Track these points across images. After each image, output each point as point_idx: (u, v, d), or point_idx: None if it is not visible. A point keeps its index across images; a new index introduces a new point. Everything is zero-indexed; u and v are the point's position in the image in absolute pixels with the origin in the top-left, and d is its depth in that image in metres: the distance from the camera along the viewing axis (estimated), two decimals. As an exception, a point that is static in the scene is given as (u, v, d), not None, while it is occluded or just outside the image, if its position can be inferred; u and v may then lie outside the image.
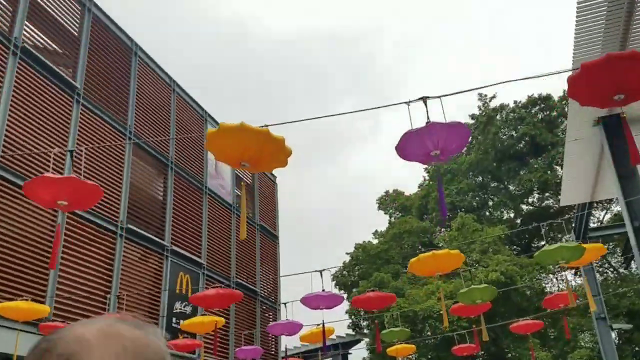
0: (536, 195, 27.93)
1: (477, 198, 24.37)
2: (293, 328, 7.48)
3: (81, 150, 9.11)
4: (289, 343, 31.04)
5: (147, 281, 12.21)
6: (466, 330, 10.98)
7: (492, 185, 26.25)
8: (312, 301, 7.61)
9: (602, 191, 13.09)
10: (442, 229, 23.27)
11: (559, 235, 29.21)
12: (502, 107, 24.67)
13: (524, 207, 26.97)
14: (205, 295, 8.31)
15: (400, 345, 9.51)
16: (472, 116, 28.70)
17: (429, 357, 17.36)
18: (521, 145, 25.01)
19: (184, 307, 13.15)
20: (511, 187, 27.85)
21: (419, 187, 29.55)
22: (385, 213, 29.89)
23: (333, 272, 26.14)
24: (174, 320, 12.64)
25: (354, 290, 21.85)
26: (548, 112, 24.39)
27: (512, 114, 24.27)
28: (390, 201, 29.45)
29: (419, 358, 17.60)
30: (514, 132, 24.34)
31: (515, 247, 22.83)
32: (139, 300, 11.58)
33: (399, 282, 19.69)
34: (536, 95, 24.10)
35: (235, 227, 17.27)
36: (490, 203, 26.82)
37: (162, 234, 13.21)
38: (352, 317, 23.02)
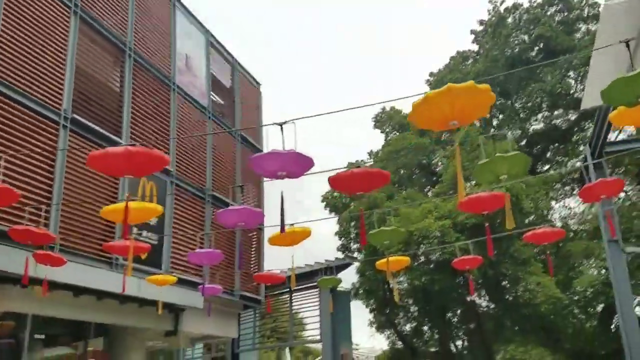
0: (545, 113, 26.44)
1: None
2: (252, 217, 6.12)
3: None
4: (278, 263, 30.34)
5: (100, 185, 10.75)
6: (470, 241, 9.78)
7: (499, 101, 24.59)
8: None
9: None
10: (444, 147, 21.81)
11: (565, 159, 28.08)
12: (515, 6, 22.48)
13: (531, 126, 25.52)
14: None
15: (392, 257, 8.26)
16: (481, 22, 26.54)
17: (423, 281, 16.46)
18: (534, 53, 23.10)
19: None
20: (517, 105, 26.25)
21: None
22: (382, 132, 28.32)
23: (323, 193, 25.17)
24: (134, 230, 11.32)
25: (345, 212, 20.73)
26: (566, 13, 22.25)
27: (525, 15, 22.14)
28: (387, 119, 27.76)
29: (412, 281, 16.72)
30: (526, 37, 22.31)
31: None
32: (88, 208, 10.14)
33: (393, 202, 18.51)
34: (554, -8, 21.88)
35: (214, 138, 15.66)
36: (495, 122, 25.33)
37: (119, 130, 11.61)
38: (342, 238, 22.08)
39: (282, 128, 5.14)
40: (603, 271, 16.40)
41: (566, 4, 21.96)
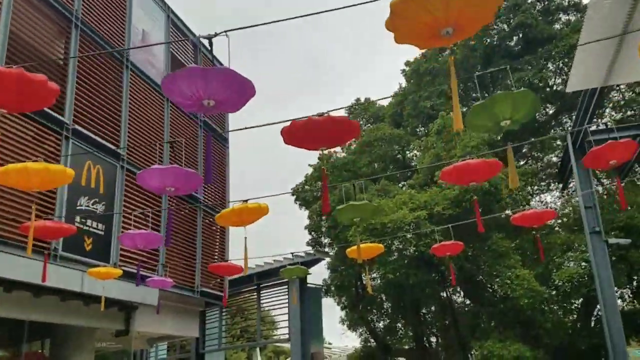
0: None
1: (460, 104, 22.21)
2: (185, 180, 5.33)
3: None
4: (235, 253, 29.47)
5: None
6: (450, 225, 9.08)
7: (475, 94, 24.10)
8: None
9: (624, 71, 10.96)
10: (422, 138, 21.16)
11: (541, 155, 27.84)
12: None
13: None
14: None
15: (364, 244, 7.47)
16: (458, 13, 25.94)
17: (397, 275, 15.73)
18: (513, 42, 22.62)
19: (93, 204, 10.73)
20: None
21: (393, 96, 27.14)
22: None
23: (293, 186, 24.30)
24: (77, 219, 10.24)
25: (315, 205, 19.88)
26: (546, 2, 21.81)
27: (505, 3, 21.65)
28: (361, 110, 27.00)
29: (385, 275, 15.98)
30: (505, 25, 21.82)
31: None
32: (24, 192, 9.04)
33: (367, 194, 17.76)
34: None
35: (170, 118, 14.60)
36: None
37: (62, 108, 10.51)
38: (312, 233, 21.20)
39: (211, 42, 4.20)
40: (583, 264, 15.95)
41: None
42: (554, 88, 23.47)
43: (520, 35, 22.02)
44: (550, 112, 27.62)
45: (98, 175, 11.15)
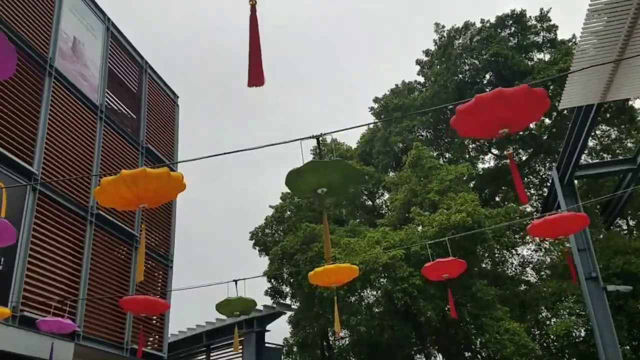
0: (493, 152, 25.46)
1: (433, 141, 21.20)
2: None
3: None
4: (193, 319, 26.80)
5: None
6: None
7: (445, 130, 23.28)
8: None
9: (625, 86, 9.97)
10: (391, 172, 19.82)
11: (514, 205, 27.00)
12: (467, 26, 21.57)
13: (486, 157, 24.29)
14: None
15: (330, 266, 5.87)
16: (427, 52, 25.60)
17: (374, 325, 13.79)
18: (487, 77, 22.06)
19: (-13, 229, 8.59)
20: (466, 141, 25.09)
21: (360, 138, 26.10)
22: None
23: (252, 229, 22.33)
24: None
25: (276, 247, 17.96)
26: (521, 35, 21.49)
27: (477, 37, 21.24)
28: (326, 152, 25.66)
29: (356, 327, 14.00)
30: (477, 61, 21.28)
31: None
32: None
33: (334, 235, 16.08)
34: (507, 12, 21.08)
35: (103, 143, 12.82)
36: (448, 155, 23.89)
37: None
38: (272, 280, 19.10)
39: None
40: (575, 315, 14.43)
41: (520, 26, 21.29)
42: (528, 132, 22.90)
43: (494, 70, 21.51)
44: (524, 157, 27.10)
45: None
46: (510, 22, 21.22)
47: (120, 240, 12.89)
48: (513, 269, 24.12)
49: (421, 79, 26.41)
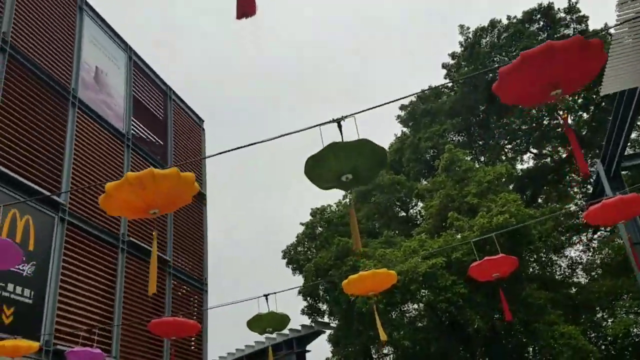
0: (532, 151, 24.60)
1: (466, 144, 20.56)
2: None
3: None
4: (233, 343, 26.61)
5: None
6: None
7: (478, 132, 22.59)
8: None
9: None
10: (424, 180, 19.30)
11: (558, 205, 25.98)
12: (493, 24, 21.02)
13: (524, 156, 23.48)
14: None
15: (365, 272, 5.55)
16: (453, 55, 25.11)
17: (419, 339, 13.23)
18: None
19: (19, 265, 8.62)
20: (501, 142, 24.35)
21: (389, 147, 25.62)
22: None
23: (284, 247, 22.09)
24: (-8, 281, 8.12)
25: (310, 264, 17.62)
26: (551, 29, 20.79)
27: (505, 34, 20.65)
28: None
29: (400, 342, 13.45)
30: (507, 58, 20.65)
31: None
32: None
33: (368, 248, 15.65)
34: (535, 6, 20.42)
35: (131, 170, 12.80)
36: (482, 159, 23.20)
37: (-24, 143, 8.70)
38: (308, 298, 18.71)
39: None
40: (633, 314, 13.55)
41: (549, 20, 20.61)
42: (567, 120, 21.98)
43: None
44: (564, 155, 26.12)
45: (27, 228, 9.11)
46: (538, 16, 20.60)
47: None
48: (561, 271, 23.14)
49: (449, 83, 25.89)
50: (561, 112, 21.47)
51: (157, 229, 13.38)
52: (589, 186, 25.21)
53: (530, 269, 18.48)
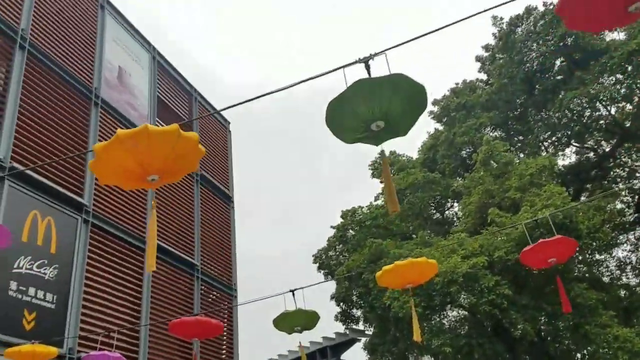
0: (573, 144, 23.52)
1: (505, 139, 19.68)
2: None
3: None
4: (265, 353, 26.27)
5: None
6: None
7: (515, 136, 21.66)
8: None
9: None
10: (459, 177, 18.56)
11: (603, 204, 24.82)
12: (529, 11, 20.17)
13: (567, 150, 22.45)
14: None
15: (402, 262, 5.02)
16: (486, 47, 24.30)
17: (461, 345, 12.54)
18: (557, 63, 20.42)
19: (38, 267, 8.39)
20: (540, 136, 23.36)
21: (422, 146, 24.90)
22: (382, 181, 25.09)
23: (314, 252, 21.63)
24: (14, 286, 7.86)
25: (341, 268, 17.09)
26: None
27: (541, 21, 19.77)
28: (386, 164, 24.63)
29: (440, 348, 12.76)
30: (544, 47, 19.72)
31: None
32: None
33: (402, 250, 15.03)
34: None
35: (158, 170, 12.53)
36: (521, 155, 22.28)
37: (-3, 139, 8.51)
38: (341, 304, 18.14)
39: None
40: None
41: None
42: (610, 112, 20.93)
43: (565, 53, 19.83)
44: (607, 148, 24.95)
45: (48, 230, 8.87)
46: (576, 1, 19.56)
47: (181, 270, 12.49)
48: (609, 272, 22.03)
49: (483, 77, 25.08)
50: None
51: (184, 232, 13.10)
52: (634, 180, 24.01)
53: (577, 270, 17.55)
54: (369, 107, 2.96)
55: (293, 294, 5.42)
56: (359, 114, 3.00)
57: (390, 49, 2.95)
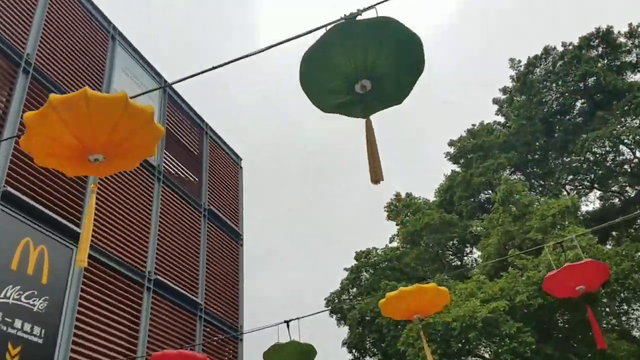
0: (596, 188, 22.79)
1: (524, 182, 19.10)
2: None
3: None
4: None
5: None
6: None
7: (536, 170, 21.06)
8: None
9: None
10: (478, 217, 17.89)
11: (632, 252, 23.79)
12: (547, 51, 19.92)
13: (590, 195, 21.73)
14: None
15: (408, 288, 4.49)
16: (504, 89, 24.09)
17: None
18: (578, 105, 20.01)
19: (27, 298, 7.95)
20: (562, 180, 22.70)
21: (438, 188, 24.37)
22: (397, 224, 24.44)
23: (327, 295, 20.81)
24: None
25: (354, 311, 16.31)
26: (611, 55, 19.43)
27: (560, 62, 19.49)
28: (403, 206, 24.09)
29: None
30: (564, 87, 19.34)
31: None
32: None
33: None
34: (593, 30, 19.20)
35: (162, 205, 12.31)
36: (542, 199, 21.62)
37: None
38: (353, 351, 17.21)
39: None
40: None
41: (609, 46, 19.32)
42: (636, 154, 20.27)
43: (585, 94, 19.43)
44: (632, 194, 24.16)
45: (40, 259, 8.46)
46: (597, 41, 19.42)
47: (182, 309, 11.91)
48: (638, 325, 20.83)
49: (501, 119, 24.77)
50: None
51: (189, 268, 12.60)
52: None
53: (605, 322, 16.56)
54: (352, 59, 2.34)
55: (287, 325, 4.88)
56: (339, 67, 2.39)
57: (380, 3, 2.41)
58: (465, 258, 24.11)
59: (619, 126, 17.40)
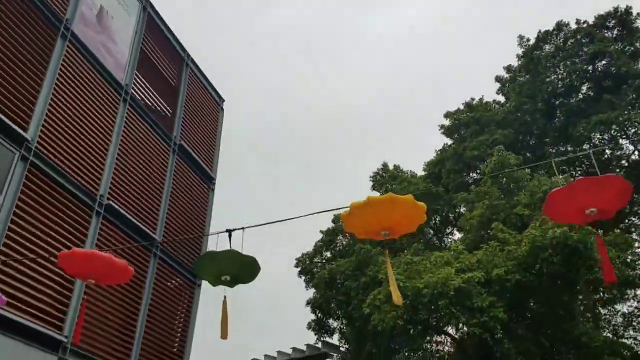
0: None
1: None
2: None
3: None
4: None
5: None
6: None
7: (530, 157, 20.43)
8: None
9: None
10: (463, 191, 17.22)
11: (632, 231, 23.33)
12: (559, 27, 19.05)
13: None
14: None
15: (383, 196, 3.70)
16: (508, 68, 23.25)
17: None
18: (583, 89, 19.24)
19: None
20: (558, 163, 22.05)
21: (427, 164, 23.64)
22: (382, 194, 23.68)
23: (298, 256, 20.18)
24: None
25: (323, 271, 15.70)
26: (629, 39, 18.55)
27: (572, 39, 18.66)
28: (389, 178, 23.37)
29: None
30: (572, 66, 18.52)
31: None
32: None
33: (393, 260, 13.67)
34: (610, 9, 18.28)
35: (124, 129, 11.43)
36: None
37: None
38: (317, 311, 16.67)
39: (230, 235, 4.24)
40: None
41: (625, 29, 18.42)
42: (638, 149, 19.63)
43: (593, 78, 18.61)
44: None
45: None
46: (613, 22, 18.53)
47: (134, 241, 11.19)
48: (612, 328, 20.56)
49: (501, 99, 23.97)
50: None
51: (148, 201, 11.84)
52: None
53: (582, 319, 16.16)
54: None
55: (229, 235, 4.16)
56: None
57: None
58: (445, 239, 23.55)
59: (626, 112, 16.67)
